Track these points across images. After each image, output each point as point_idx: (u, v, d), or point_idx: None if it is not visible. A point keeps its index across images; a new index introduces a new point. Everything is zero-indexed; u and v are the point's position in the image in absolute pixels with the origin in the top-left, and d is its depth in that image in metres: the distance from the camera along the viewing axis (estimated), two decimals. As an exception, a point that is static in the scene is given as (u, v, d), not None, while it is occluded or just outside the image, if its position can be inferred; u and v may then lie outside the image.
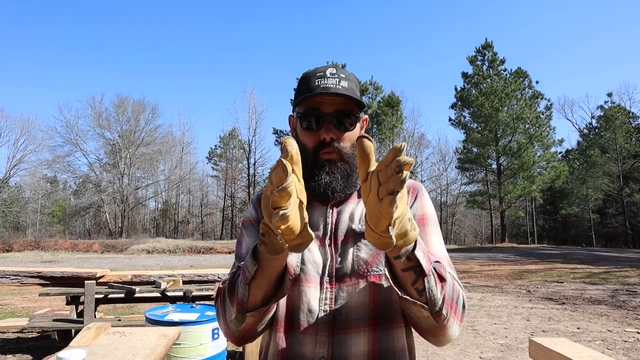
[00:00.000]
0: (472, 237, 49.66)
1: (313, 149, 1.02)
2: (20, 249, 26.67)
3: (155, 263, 18.08)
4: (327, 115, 1.01)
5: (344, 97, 1.00)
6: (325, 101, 1.01)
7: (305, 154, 1.03)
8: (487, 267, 15.08)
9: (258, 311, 0.87)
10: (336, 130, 1.01)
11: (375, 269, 0.97)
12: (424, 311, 0.81)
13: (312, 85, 1.01)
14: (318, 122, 1.01)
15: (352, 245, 0.99)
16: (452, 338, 0.90)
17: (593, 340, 5.34)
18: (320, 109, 1.01)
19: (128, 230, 42.14)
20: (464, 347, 5.13)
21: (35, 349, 4.91)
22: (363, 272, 0.96)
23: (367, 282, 0.96)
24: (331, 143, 1.01)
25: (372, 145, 0.67)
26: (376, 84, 39.40)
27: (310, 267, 0.99)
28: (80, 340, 1.82)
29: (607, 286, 9.82)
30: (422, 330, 0.90)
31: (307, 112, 1.02)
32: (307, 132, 1.03)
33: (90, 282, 4.52)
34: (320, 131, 1.01)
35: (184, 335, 3.04)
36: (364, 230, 0.98)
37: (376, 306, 0.96)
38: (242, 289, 0.86)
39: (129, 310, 7.20)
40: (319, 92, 0.98)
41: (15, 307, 8.03)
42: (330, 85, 0.99)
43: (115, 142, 44.22)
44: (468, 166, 38.68)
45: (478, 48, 37.15)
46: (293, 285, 0.99)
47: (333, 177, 1.01)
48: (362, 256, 0.98)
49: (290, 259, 1.00)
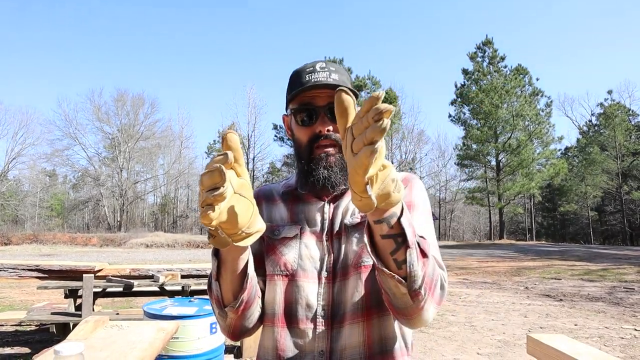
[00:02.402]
0: (471, 234, 49.79)
1: (308, 143, 1.02)
2: (19, 243, 26.67)
3: (153, 257, 18.09)
4: (321, 109, 1.01)
5: (334, 81, 1.00)
6: (318, 95, 1.01)
7: (301, 149, 1.04)
8: (485, 263, 15.13)
9: (232, 306, 0.89)
10: (331, 122, 1.01)
11: (365, 260, 0.97)
12: (401, 287, 0.76)
13: (304, 80, 1.01)
14: (312, 116, 1.01)
15: (346, 239, 1.00)
16: (427, 322, 0.86)
17: (590, 337, 5.36)
18: (313, 102, 1.01)
19: (127, 225, 42.14)
20: (461, 342, 5.14)
21: (33, 342, 4.92)
22: (355, 264, 0.97)
23: (358, 274, 0.96)
24: (328, 135, 1.01)
25: (351, 99, 0.64)
26: (374, 79, 39.30)
27: (308, 262, 1.00)
28: (78, 334, 1.82)
29: (604, 283, 9.85)
30: (396, 309, 0.84)
31: (300, 108, 1.02)
32: (302, 127, 1.03)
33: (88, 276, 4.52)
34: (315, 125, 1.01)
35: (182, 329, 3.05)
36: (354, 223, 1.00)
37: (368, 296, 0.96)
38: (214, 286, 0.89)
39: (127, 304, 7.22)
40: (311, 85, 0.98)
41: (13, 300, 8.04)
42: (321, 79, 0.99)
43: (114, 136, 44.15)
44: (467, 163, 38.72)
45: (478, 44, 37.18)
46: (291, 281, 1.00)
47: (331, 171, 1.00)
48: (354, 248, 0.98)
49: (288, 254, 1.01)
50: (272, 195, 1.13)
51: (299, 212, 1.06)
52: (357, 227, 1.00)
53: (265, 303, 1.03)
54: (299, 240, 1.02)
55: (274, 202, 1.11)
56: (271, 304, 1.01)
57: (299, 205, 1.08)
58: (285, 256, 1.01)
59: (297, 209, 1.07)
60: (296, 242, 1.02)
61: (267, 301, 1.02)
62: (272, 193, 1.14)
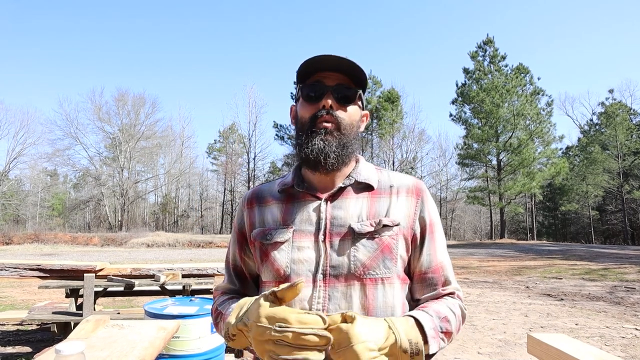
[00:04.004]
0: (472, 233, 49.74)
1: (310, 118, 1.03)
2: (20, 242, 26.71)
3: (154, 257, 18.11)
4: (329, 87, 1.02)
5: (346, 71, 1.02)
6: (328, 76, 1.02)
7: (303, 124, 1.04)
8: (486, 263, 15.12)
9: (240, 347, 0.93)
10: (336, 102, 1.02)
11: (372, 272, 0.95)
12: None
13: (315, 59, 1.02)
14: (319, 94, 1.02)
15: (350, 244, 0.97)
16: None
17: (591, 337, 5.35)
18: (322, 81, 1.02)
19: (128, 224, 42.15)
20: (462, 342, 5.14)
21: (35, 341, 4.93)
22: (359, 274, 0.95)
23: (362, 285, 0.95)
24: (330, 112, 1.01)
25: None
26: (375, 78, 39.30)
27: (301, 266, 0.97)
28: (79, 333, 1.82)
29: (605, 283, 9.84)
30: None
31: (310, 84, 1.03)
32: (307, 103, 1.04)
33: (89, 275, 4.53)
34: (321, 102, 1.02)
35: (183, 328, 3.05)
36: (363, 231, 0.98)
37: (372, 310, 0.94)
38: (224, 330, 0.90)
39: (128, 304, 7.22)
40: (324, 55, 1.00)
41: (14, 300, 8.06)
42: (333, 55, 1.01)
43: (115, 136, 44.14)
44: (468, 162, 38.64)
45: (479, 43, 37.03)
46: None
47: (327, 143, 1.00)
48: (359, 257, 0.96)
49: (280, 260, 0.99)
50: (265, 197, 1.11)
51: (293, 212, 1.04)
52: (366, 235, 0.98)
53: None
54: (291, 244, 1.00)
55: (267, 203, 1.10)
56: None
57: (294, 204, 1.05)
58: (277, 262, 0.99)
59: (291, 208, 1.05)
60: (288, 245, 1.00)
61: None
62: (265, 194, 1.12)
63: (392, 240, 0.98)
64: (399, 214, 1.02)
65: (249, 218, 1.10)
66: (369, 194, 1.05)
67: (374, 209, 1.02)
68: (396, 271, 0.98)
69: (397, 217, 1.01)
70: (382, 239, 0.98)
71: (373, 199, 1.03)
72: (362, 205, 1.02)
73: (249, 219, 1.10)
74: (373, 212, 1.01)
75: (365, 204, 1.03)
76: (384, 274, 0.96)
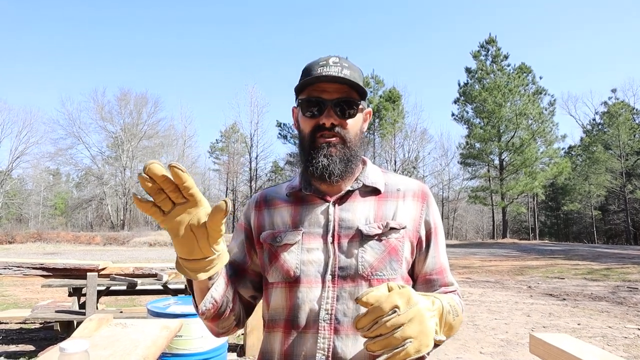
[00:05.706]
0: (474, 233, 49.65)
1: (311, 133, 1.03)
2: (23, 241, 26.79)
3: (157, 256, 18.15)
4: (329, 102, 1.01)
5: (346, 84, 1.01)
6: (327, 89, 1.01)
7: (304, 139, 1.05)
8: (488, 262, 15.09)
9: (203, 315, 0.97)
10: (337, 117, 1.01)
11: (379, 273, 0.97)
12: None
13: (315, 73, 1.01)
14: (319, 109, 1.01)
15: (358, 246, 0.99)
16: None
17: (593, 337, 5.34)
18: (322, 96, 1.01)
19: (130, 223, 42.23)
20: (464, 342, 5.14)
21: (38, 340, 4.94)
22: (367, 275, 0.97)
23: (369, 285, 0.96)
24: (332, 128, 1.01)
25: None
26: (377, 77, 39.26)
27: (311, 267, 0.99)
28: (83, 332, 1.83)
29: (608, 283, 9.81)
30: None
31: (308, 99, 1.02)
32: (307, 119, 1.03)
33: (92, 274, 4.54)
34: (321, 117, 1.01)
35: (186, 327, 3.05)
36: (371, 233, 1.00)
37: None
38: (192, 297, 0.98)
39: (130, 303, 7.24)
40: (321, 75, 0.99)
41: (17, 299, 8.08)
42: (332, 73, 0.99)
43: (117, 135, 44.22)
44: (470, 161, 38.58)
45: (482, 43, 36.93)
46: (294, 287, 0.99)
47: (331, 160, 1.00)
48: (367, 258, 0.97)
49: (290, 261, 1.00)
50: (274, 200, 1.12)
51: (302, 215, 1.05)
52: (373, 237, 0.99)
53: (270, 310, 1.03)
54: (300, 246, 1.01)
55: (276, 206, 1.11)
56: (275, 310, 1.01)
57: (303, 207, 1.07)
58: (287, 263, 1.00)
59: (300, 211, 1.06)
60: (298, 247, 1.01)
61: (272, 308, 1.02)
62: (274, 197, 1.13)
63: (398, 242, 1.00)
64: (405, 217, 1.03)
65: (257, 220, 1.11)
66: (376, 197, 1.06)
67: (382, 211, 1.03)
68: (401, 273, 1.00)
69: (404, 220, 1.03)
70: (389, 241, 1.00)
71: (380, 202, 1.05)
72: (370, 208, 1.04)
73: (257, 221, 1.11)
74: (380, 215, 1.03)
75: (372, 206, 1.04)
76: (390, 275, 0.98)
